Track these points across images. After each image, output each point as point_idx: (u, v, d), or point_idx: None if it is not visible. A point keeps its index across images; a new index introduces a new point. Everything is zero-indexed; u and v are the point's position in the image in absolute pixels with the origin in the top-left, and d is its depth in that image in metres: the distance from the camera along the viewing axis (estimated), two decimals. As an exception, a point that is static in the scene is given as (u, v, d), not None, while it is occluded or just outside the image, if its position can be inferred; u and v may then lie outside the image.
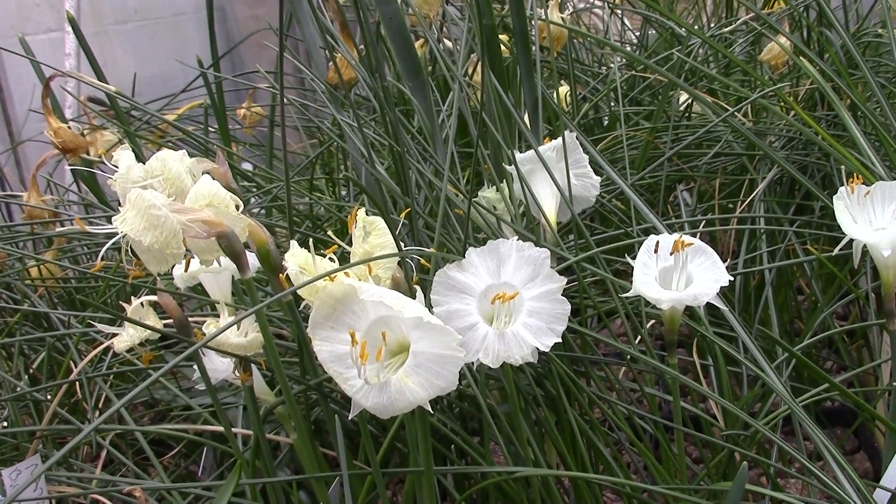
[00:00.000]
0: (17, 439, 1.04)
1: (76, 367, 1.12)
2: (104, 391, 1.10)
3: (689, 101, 1.57)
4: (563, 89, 1.64)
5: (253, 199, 1.48)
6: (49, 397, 1.11)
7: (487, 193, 0.98)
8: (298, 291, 0.68)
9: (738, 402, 1.07)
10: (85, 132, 1.47)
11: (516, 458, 0.92)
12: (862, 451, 1.26)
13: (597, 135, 1.60)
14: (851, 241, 0.88)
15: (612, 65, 1.50)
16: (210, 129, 1.58)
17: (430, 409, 0.67)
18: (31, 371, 1.21)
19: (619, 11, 1.99)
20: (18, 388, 1.11)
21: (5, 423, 1.15)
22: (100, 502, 0.96)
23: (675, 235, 0.80)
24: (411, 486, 0.93)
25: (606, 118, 1.69)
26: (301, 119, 1.78)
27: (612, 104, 1.63)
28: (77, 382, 1.07)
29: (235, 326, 0.81)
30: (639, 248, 0.82)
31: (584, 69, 1.75)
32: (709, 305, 0.89)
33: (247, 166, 1.96)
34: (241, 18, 3.59)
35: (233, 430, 1.02)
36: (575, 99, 1.46)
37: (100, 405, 1.23)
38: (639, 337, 1.03)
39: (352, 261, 0.71)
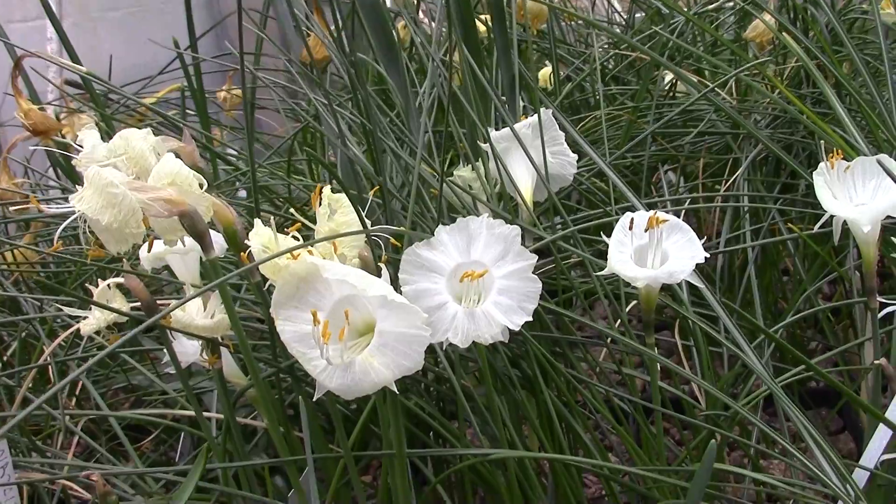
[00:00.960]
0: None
1: (49, 356, 1.10)
2: (79, 377, 1.08)
3: (674, 80, 1.55)
4: (546, 70, 1.62)
5: (237, 184, 1.46)
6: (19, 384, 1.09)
7: (463, 172, 0.96)
8: (261, 269, 0.67)
9: (718, 383, 1.06)
10: (61, 116, 1.45)
11: (493, 441, 0.91)
12: (847, 431, 1.25)
13: (582, 115, 1.58)
14: (832, 217, 0.87)
15: (595, 44, 1.48)
16: (188, 111, 1.55)
17: (395, 390, 0.65)
18: (4, 358, 1.19)
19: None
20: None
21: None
22: (69, 488, 0.94)
23: (651, 212, 0.79)
24: (386, 470, 0.92)
25: (593, 99, 1.67)
26: (283, 102, 1.76)
27: (597, 85, 1.61)
28: (49, 368, 1.05)
29: (202, 308, 0.79)
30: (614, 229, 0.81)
31: (569, 49, 1.73)
32: (690, 286, 0.88)
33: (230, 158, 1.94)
34: (230, 2, 3.56)
35: (207, 414, 1.00)
36: (557, 79, 1.44)
37: (76, 392, 1.21)
38: (619, 320, 1.02)
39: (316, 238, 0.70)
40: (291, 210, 0.69)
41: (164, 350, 0.89)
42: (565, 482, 0.90)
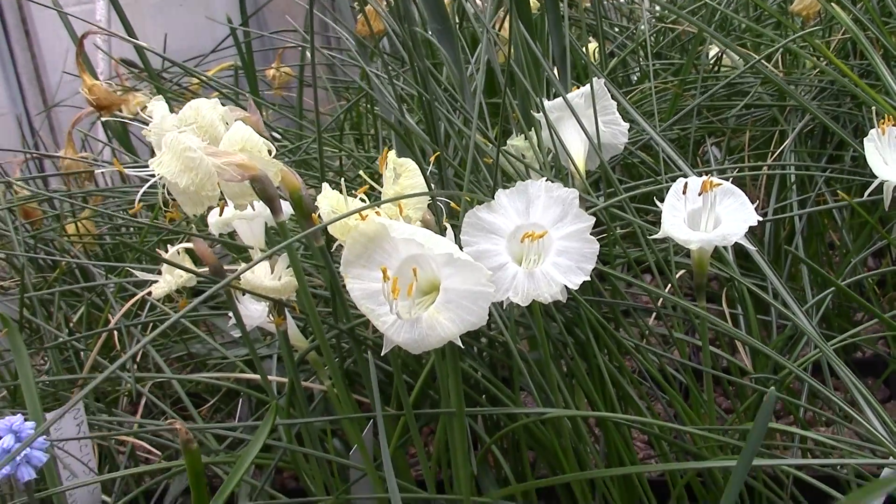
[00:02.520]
0: (57, 388, 1.07)
1: (112, 321, 1.14)
2: (145, 351, 1.12)
3: (719, 54, 1.56)
4: (592, 45, 1.63)
5: (285, 160, 1.49)
6: (88, 349, 1.13)
7: (516, 142, 0.98)
8: (330, 230, 0.69)
9: (768, 345, 1.07)
10: (118, 94, 1.49)
11: (547, 404, 0.93)
12: (893, 400, 1.26)
13: (628, 89, 1.59)
14: (882, 185, 0.88)
15: (641, 19, 1.49)
16: (239, 92, 1.59)
17: (460, 345, 0.68)
18: (70, 325, 1.24)
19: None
20: (59, 339, 1.14)
21: (45, 376, 1.18)
22: (138, 447, 0.98)
23: (704, 177, 0.80)
24: (443, 431, 0.95)
25: (636, 75, 1.68)
26: (330, 80, 1.79)
27: (642, 60, 1.62)
28: (116, 334, 1.09)
29: (269, 270, 0.83)
30: (667, 194, 0.83)
31: (613, 25, 1.74)
32: (738, 256, 0.90)
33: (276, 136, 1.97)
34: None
35: (268, 377, 1.04)
36: (604, 54, 1.46)
37: (137, 359, 1.25)
38: (668, 286, 1.04)
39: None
40: (360, 173, 0.71)
41: (227, 316, 0.93)
42: (617, 443, 0.92)
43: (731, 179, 1.28)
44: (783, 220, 1.32)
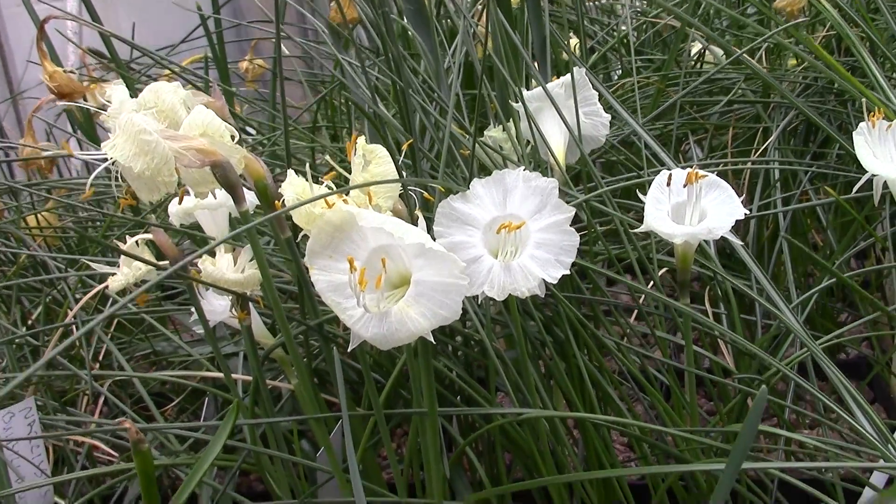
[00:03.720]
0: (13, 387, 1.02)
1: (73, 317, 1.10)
2: (103, 341, 1.08)
3: (702, 51, 1.53)
4: (573, 41, 1.60)
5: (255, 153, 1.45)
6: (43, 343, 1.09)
7: (493, 133, 0.95)
8: (294, 218, 0.65)
9: (754, 344, 1.04)
10: (85, 83, 1.44)
11: (524, 405, 0.90)
12: (877, 402, 1.23)
13: (611, 83, 1.56)
14: (870, 180, 0.86)
15: (621, 13, 1.46)
16: (209, 82, 1.54)
17: (432, 340, 0.64)
18: (29, 322, 1.19)
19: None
20: (12, 331, 1.09)
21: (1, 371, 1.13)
22: (95, 448, 0.94)
23: (688, 170, 0.77)
24: (415, 432, 0.91)
25: (616, 73, 1.65)
26: (306, 73, 1.74)
27: (623, 56, 1.59)
28: (74, 329, 1.04)
29: (232, 262, 0.78)
30: (650, 187, 0.79)
31: (594, 20, 1.71)
32: (721, 255, 0.86)
33: (250, 131, 1.93)
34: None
35: (233, 376, 1.00)
36: (584, 50, 1.42)
37: (100, 358, 1.21)
38: (651, 282, 1.00)
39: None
40: (326, 157, 0.67)
41: (190, 312, 0.89)
42: (597, 445, 0.89)
43: (718, 168, 1.26)
44: (766, 220, 1.29)
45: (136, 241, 0.83)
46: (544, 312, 0.92)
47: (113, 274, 0.86)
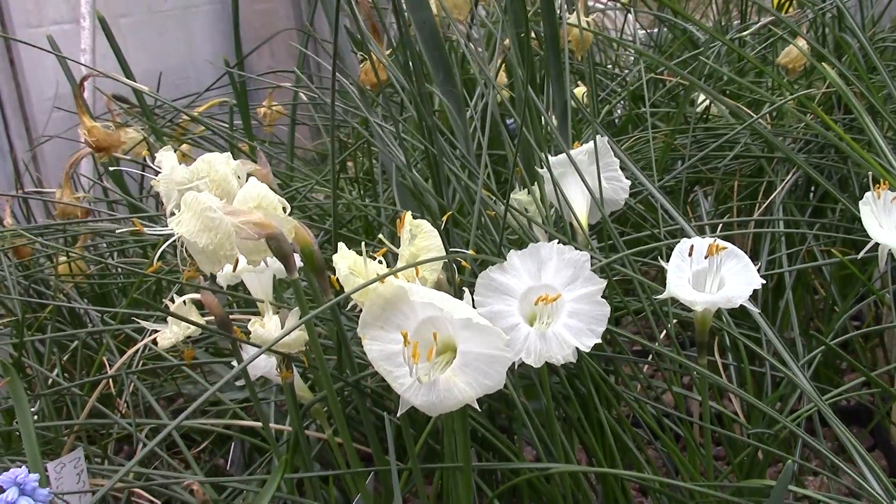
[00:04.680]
0: (53, 433, 1.06)
1: (107, 362, 1.14)
2: (137, 387, 1.12)
3: (706, 101, 1.59)
4: (580, 90, 1.66)
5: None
6: (82, 391, 1.13)
7: (519, 195, 1.00)
8: (346, 289, 0.70)
9: (763, 401, 1.09)
10: (110, 130, 1.49)
11: (546, 454, 0.94)
12: (878, 449, 1.28)
13: (612, 134, 1.62)
14: (876, 245, 0.91)
15: (630, 67, 1.52)
16: (223, 123, 1.59)
17: (477, 408, 0.69)
18: (62, 363, 1.23)
19: (632, 11, 2.00)
20: (50, 380, 1.13)
21: (36, 417, 1.17)
22: (134, 494, 0.98)
23: (709, 239, 0.82)
24: (444, 482, 0.95)
25: (618, 119, 1.71)
26: (320, 116, 1.80)
27: (628, 105, 1.65)
28: (112, 378, 1.09)
29: (279, 323, 0.83)
30: (666, 251, 0.84)
31: (597, 68, 1.77)
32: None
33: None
34: (245, 12, 3.59)
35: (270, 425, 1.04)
36: (595, 101, 1.48)
37: (127, 399, 1.25)
38: (664, 332, 1.05)
39: (399, 262, 0.73)
40: (380, 236, 0.72)
41: (233, 362, 0.93)
42: (616, 493, 0.93)
43: (719, 227, 1.31)
44: (772, 269, 1.35)
45: (185, 301, 0.88)
46: (567, 367, 0.97)
47: (156, 331, 0.91)
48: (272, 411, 1.09)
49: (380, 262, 0.72)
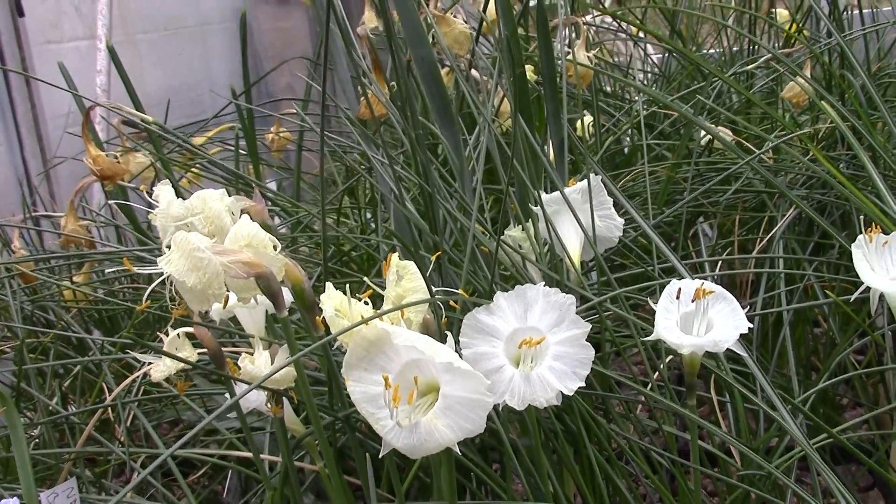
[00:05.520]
0: (53, 460, 1.07)
1: (107, 389, 1.15)
2: (135, 414, 1.13)
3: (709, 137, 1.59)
4: (587, 119, 1.67)
5: (277, 220, 1.51)
6: (80, 419, 1.14)
7: (513, 232, 1.01)
8: (332, 331, 0.71)
9: (754, 442, 1.09)
10: (118, 155, 1.51)
11: (535, 489, 0.94)
12: (876, 488, 1.28)
13: (618, 163, 1.63)
14: (869, 287, 0.91)
15: (635, 98, 1.53)
16: (229, 148, 1.61)
17: (457, 451, 0.69)
18: (62, 389, 1.24)
19: (637, 43, 2.02)
20: (51, 407, 1.14)
21: (36, 441, 1.19)
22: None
23: (697, 282, 0.82)
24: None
25: (626, 147, 1.72)
26: (327, 144, 1.81)
27: (634, 135, 1.66)
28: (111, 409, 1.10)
29: (269, 359, 0.84)
30: (659, 290, 0.85)
31: (606, 98, 1.78)
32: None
33: (272, 185, 2.00)
34: (265, 30, 3.64)
35: (261, 456, 1.05)
36: (598, 130, 1.49)
37: (127, 425, 1.26)
38: (657, 373, 1.05)
39: (385, 303, 0.74)
40: (364, 279, 0.73)
41: (225, 395, 0.94)
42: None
43: (719, 264, 1.32)
44: (771, 304, 1.35)
45: (178, 334, 0.89)
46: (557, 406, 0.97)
47: (152, 363, 0.92)
48: (267, 441, 1.10)
49: (366, 303, 0.73)
